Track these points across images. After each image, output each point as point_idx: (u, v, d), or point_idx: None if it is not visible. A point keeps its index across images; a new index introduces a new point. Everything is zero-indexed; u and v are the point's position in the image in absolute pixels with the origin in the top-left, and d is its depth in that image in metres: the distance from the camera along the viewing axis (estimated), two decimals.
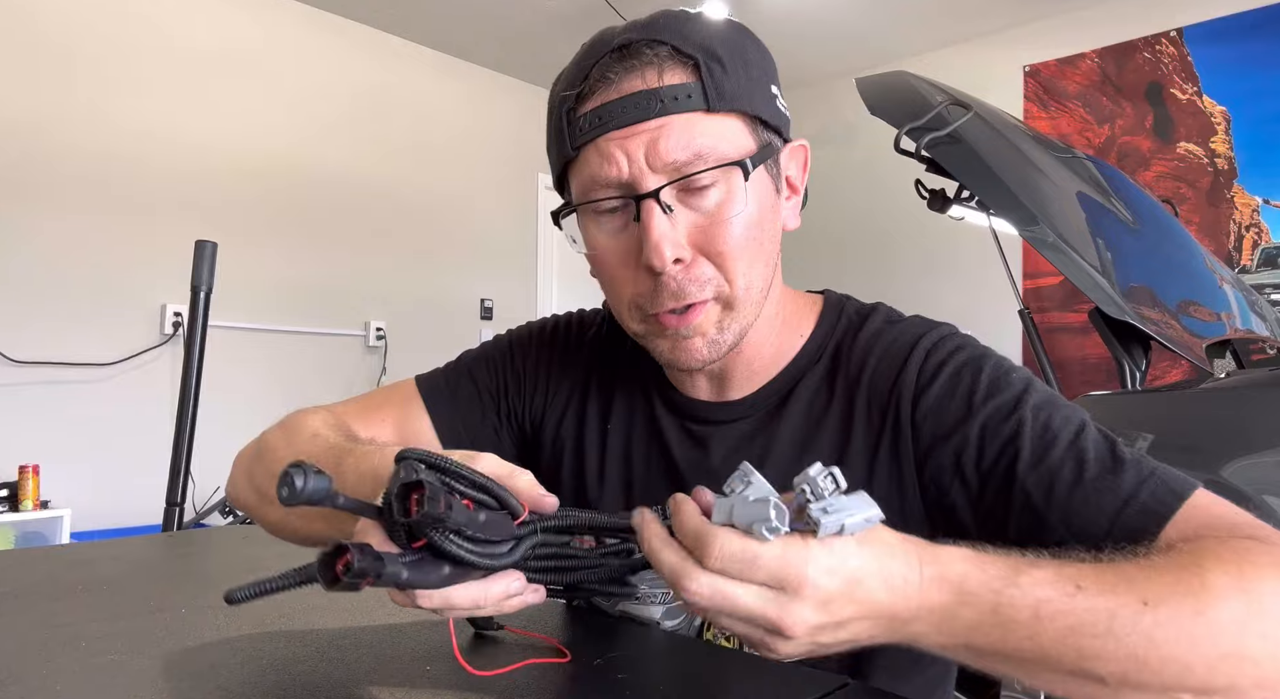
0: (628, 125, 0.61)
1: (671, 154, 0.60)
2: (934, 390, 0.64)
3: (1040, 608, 0.44)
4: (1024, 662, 0.45)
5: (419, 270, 4.47)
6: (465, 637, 0.61)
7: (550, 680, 0.52)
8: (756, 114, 0.64)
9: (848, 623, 0.44)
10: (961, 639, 0.45)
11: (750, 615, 0.43)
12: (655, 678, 0.52)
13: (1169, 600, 0.44)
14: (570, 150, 0.64)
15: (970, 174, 1.76)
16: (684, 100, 0.61)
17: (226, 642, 0.59)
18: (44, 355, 3.19)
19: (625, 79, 0.61)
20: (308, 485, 0.40)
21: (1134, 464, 0.57)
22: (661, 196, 0.61)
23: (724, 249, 0.63)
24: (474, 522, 0.45)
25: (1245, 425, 1.35)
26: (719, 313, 0.65)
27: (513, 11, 4.18)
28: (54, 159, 3.27)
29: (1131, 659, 0.44)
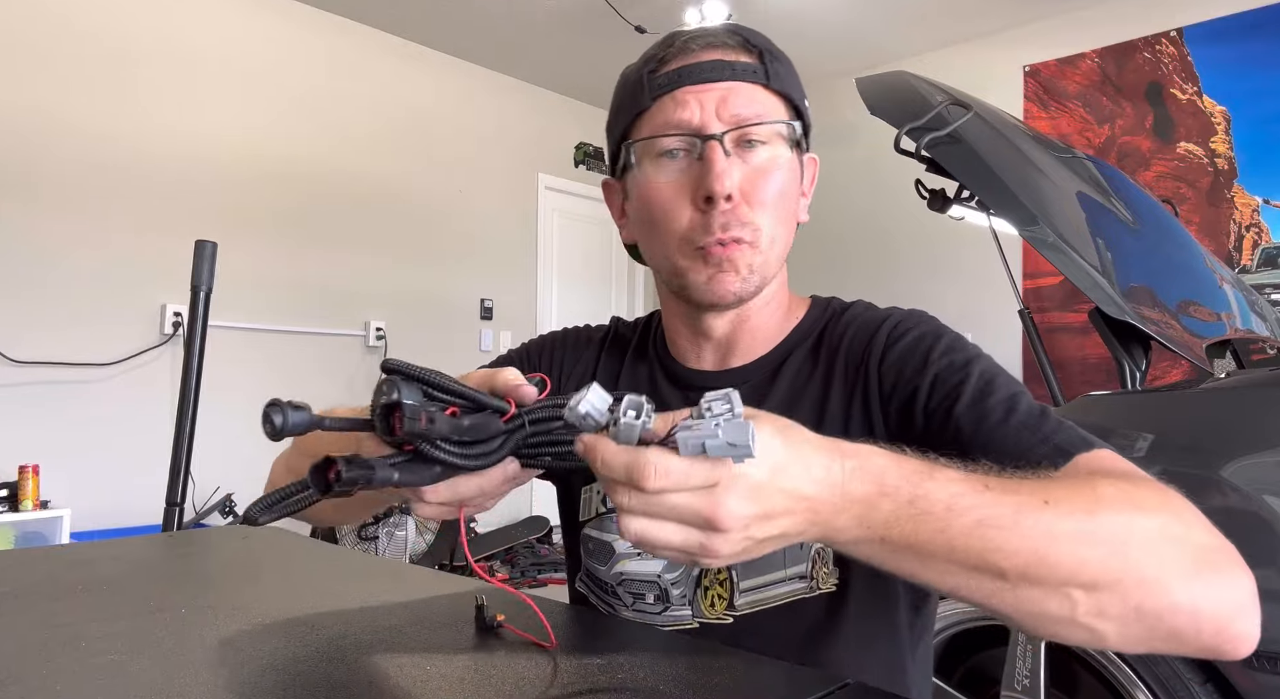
0: (704, 82, 0.73)
1: (737, 108, 0.72)
2: (898, 349, 0.74)
3: (952, 501, 0.47)
4: (932, 556, 0.47)
5: (419, 270, 4.47)
6: (467, 636, 0.61)
7: (550, 680, 0.52)
8: (798, 106, 0.77)
9: (777, 516, 0.45)
10: (879, 532, 0.47)
11: (683, 515, 0.44)
12: (655, 678, 0.52)
13: (1066, 501, 0.49)
14: (648, 100, 0.75)
15: (970, 174, 1.76)
16: (750, 73, 0.74)
17: (227, 642, 0.59)
18: (44, 355, 3.20)
19: (703, 51, 0.74)
20: (289, 419, 0.43)
21: (1057, 421, 0.64)
22: (725, 142, 0.71)
23: (764, 197, 0.73)
24: (458, 427, 0.49)
25: (1245, 425, 1.35)
26: (750, 255, 0.74)
27: (513, 11, 4.18)
28: (54, 159, 3.27)
29: (1032, 553, 0.47)
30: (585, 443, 0.47)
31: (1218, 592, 0.49)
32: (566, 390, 0.87)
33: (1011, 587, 0.47)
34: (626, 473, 0.44)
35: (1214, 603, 0.49)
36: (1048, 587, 0.47)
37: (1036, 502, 0.48)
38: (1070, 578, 0.47)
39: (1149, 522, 0.50)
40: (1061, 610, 0.48)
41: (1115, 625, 0.48)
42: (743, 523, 0.44)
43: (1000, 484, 0.49)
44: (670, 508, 0.44)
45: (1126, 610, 0.47)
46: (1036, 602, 0.48)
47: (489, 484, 0.55)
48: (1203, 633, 0.48)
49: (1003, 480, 0.50)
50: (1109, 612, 0.47)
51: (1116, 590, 0.47)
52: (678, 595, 0.77)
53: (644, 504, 0.45)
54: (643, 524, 0.45)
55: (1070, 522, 0.48)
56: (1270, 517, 1.24)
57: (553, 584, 3.99)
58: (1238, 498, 1.27)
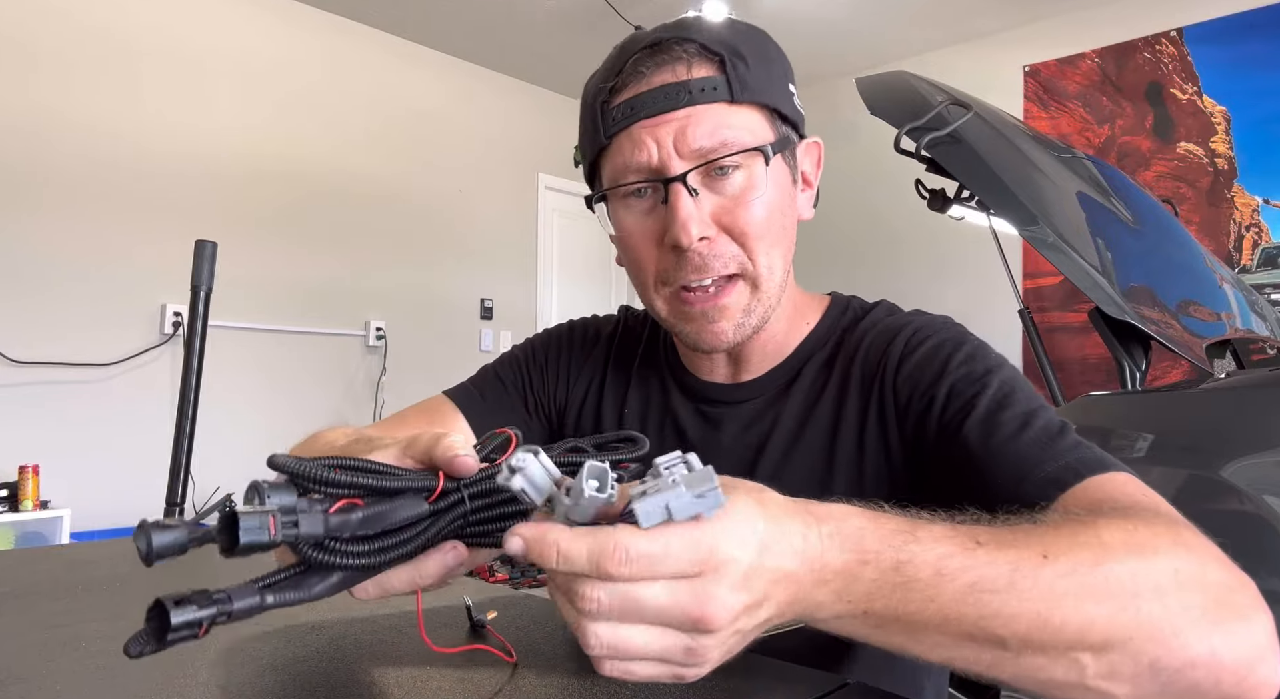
0: (658, 114, 0.66)
1: (698, 141, 0.65)
2: (915, 358, 0.69)
3: (941, 564, 0.41)
4: (923, 627, 0.42)
5: (419, 270, 4.47)
6: (465, 636, 0.61)
7: (550, 681, 0.52)
8: (776, 107, 0.69)
9: (765, 601, 0.39)
10: (861, 604, 0.41)
11: (664, 614, 0.37)
12: None
13: (1068, 553, 0.43)
14: (604, 139, 0.69)
15: (970, 174, 1.76)
16: (710, 92, 0.66)
17: (226, 642, 0.59)
18: (44, 355, 3.19)
19: (656, 73, 0.67)
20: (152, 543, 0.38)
21: (1075, 440, 0.59)
22: (688, 180, 0.66)
23: (747, 229, 0.67)
24: (347, 523, 0.42)
25: (1245, 425, 1.35)
26: (748, 295, 0.69)
27: (513, 11, 4.18)
28: (54, 159, 3.27)
29: (1034, 616, 0.41)
30: (527, 536, 0.38)
31: (1237, 639, 0.44)
32: (572, 399, 0.86)
33: (1013, 655, 0.42)
34: (592, 561, 0.36)
35: (1233, 652, 0.44)
36: (1053, 652, 0.42)
37: (1034, 557, 0.43)
38: (1077, 641, 0.42)
39: (1160, 567, 0.44)
40: (1069, 676, 0.43)
41: (1128, 687, 0.43)
42: (734, 616, 0.38)
43: (992, 537, 0.44)
44: (647, 606, 0.36)
45: (1140, 669, 0.43)
46: (1042, 669, 0.43)
47: (426, 575, 0.46)
48: (1222, 684, 0.44)
49: (995, 533, 0.44)
50: (1121, 673, 0.43)
51: (1128, 649, 0.42)
52: None
53: (615, 601, 0.36)
54: (611, 632, 0.37)
55: (1073, 578, 0.42)
56: (1270, 517, 1.23)
57: None
58: (1238, 498, 1.27)
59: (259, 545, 0.39)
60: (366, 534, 0.43)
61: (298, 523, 0.40)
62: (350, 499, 0.43)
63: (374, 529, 0.43)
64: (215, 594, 0.40)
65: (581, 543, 0.37)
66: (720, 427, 0.78)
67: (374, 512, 0.44)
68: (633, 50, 0.69)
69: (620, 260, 0.77)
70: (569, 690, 0.50)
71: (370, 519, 0.43)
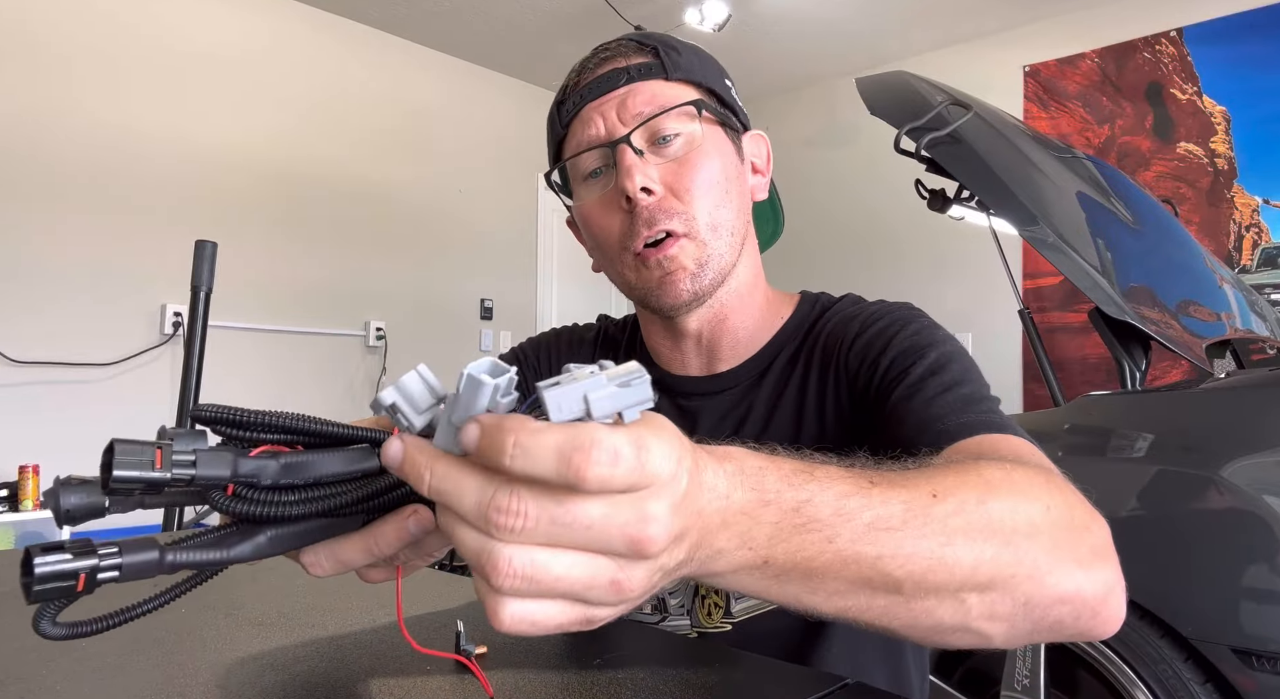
0: (602, 95, 0.74)
1: (637, 107, 0.73)
2: (866, 335, 0.73)
3: (840, 504, 0.39)
4: (821, 573, 0.39)
5: (419, 270, 4.47)
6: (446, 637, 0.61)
7: (549, 681, 0.52)
8: (710, 87, 0.77)
9: (685, 535, 0.34)
10: (762, 551, 0.38)
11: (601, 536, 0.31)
12: (654, 678, 0.52)
13: (955, 492, 0.43)
14: (560, 129, 0.77)
15: (970, 174, 1.76)
16: (646, 71, 0.74)
17: (226, 642, 0.59)
18: (44, 355, 3.19)
19: (599, 67, 0.76)
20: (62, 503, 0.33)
21: (989, 409, 0.63)
22: (633, 141, 0.72)
23: (689, 186, 0.72)
24: (264, 469, 0.37)
25: (1245, 425, 1.35)
26: (694, 249, 0.73)
27: (513, 11, 4.18)
28: (54, 159, 3.27)
29: (929, 554, 0.41)
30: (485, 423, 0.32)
31: (1096, 575, 0.46)
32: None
33: (905, 600, 0.41)
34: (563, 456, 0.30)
35: (1093, 587, 0.46)
36: (944, 593, 0.42)
37: (925, 495, 0.42)
38: (967, 580, 0.42)
39: (1034, 505, 0.45)
40: (955, 617, 0.43)
41: (1004, 625, 0.44)
42: (668, 545, 0.33)
43: (883, 478, 0.43)
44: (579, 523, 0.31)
45: (1015, 608, 0.44)
46: (930, 612, 0.42)
47: (383, 544, 0.41)
48: (1080, 619, 0.46)
49: (884, 474, 0.43)
50: (999, 612, 0.44)
51: (1007, 588, 0.43)
52: (675, 605, 0.77)
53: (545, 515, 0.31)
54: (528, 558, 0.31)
55: (961, 516, 0.42)
56: (1270, 517, 1.23)
57: None
58: (1238, 498, 1.27)
59: (138, 482, 0.33)
60: (293, 484, 0.38)
61: (195, 462, 0.35)
62: (279, 447, 0.38)
63: (301, 479, 0.38)
64: (102, 546, 0.34)
65: (550, 435, 0.31)
66: (697, 420, 0.80)
67: (302, 459, 0.38)
68: (582, 61, 0.78)
69: (596, 266, 0.82)
70: (598, 674, 0.50)
71: (296, 467, 0.38)
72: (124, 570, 0.35)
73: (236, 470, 0.37)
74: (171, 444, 0.35)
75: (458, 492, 0.32)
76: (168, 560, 0.36)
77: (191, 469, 0.35)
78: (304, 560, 0.42)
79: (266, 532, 0.38)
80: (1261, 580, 1.23)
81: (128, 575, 0.35)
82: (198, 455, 0.36)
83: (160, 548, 0.36)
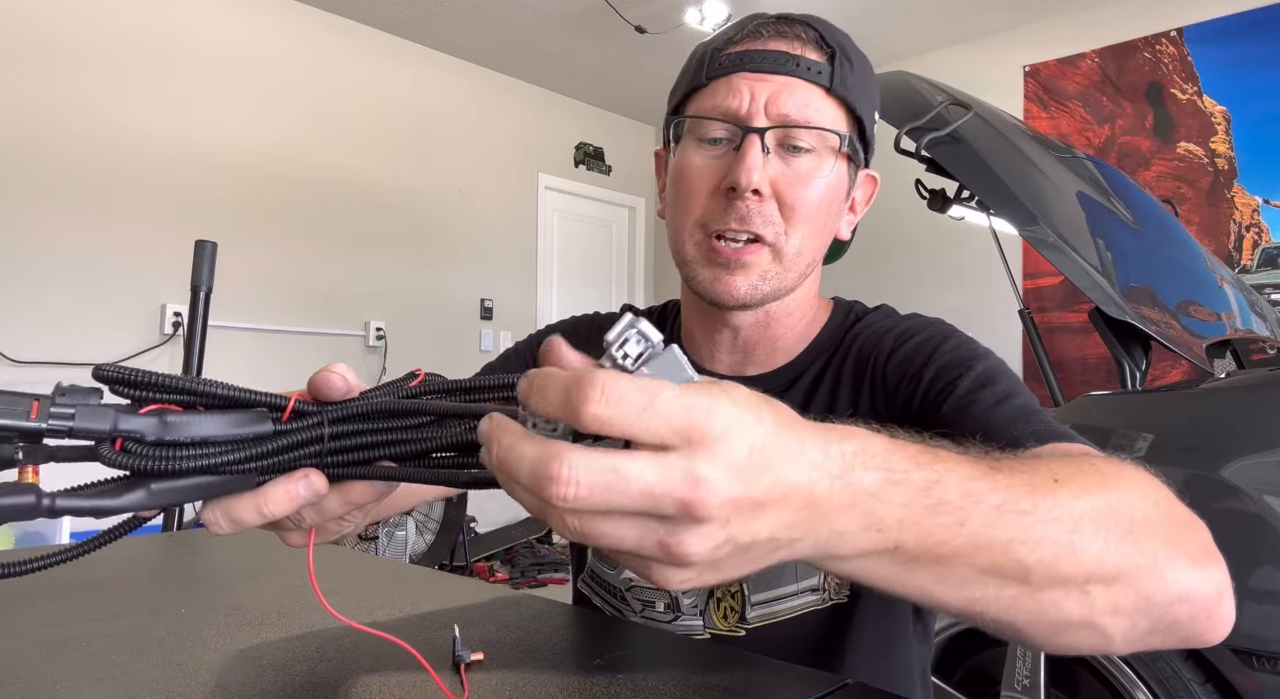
0: (762, 71, 0.70)
1: (787, 107, 0.69)
2: (904, 349, 0.72)
3: (968, 486, 0.38)
4: (951, 560, 0.38)
5: (419, 270, 4.47)
6: (466, 637, 0.61)
7: (549, 682, 0.52)
8: (860, 117, 0.73)
9: (767, 506, 0.33)
10: (891, 536, 0.36)
11: (646, 495, 0.31)
12: (654, 678, 0.52)
13: (1075, 478, 0.42)
14: (703, 78, 0.72)
15: (970, 174, 1.76)
16: (814, 73, 0.70)
17: (226, 642, 0.59)
18: (44, 355, 3.19)
19: (773, 39, 0.71)
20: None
21: (1048, 419, 0.61)
22: (765, 139, 0.69)
23: (795, 203, 0.70)
24: (149, 426, 0.38)
25: (1245, 425, 1.35)
26: (769, 261, 0.71)
27: (513, 11, 4.18)
28: (54, 159, 3.27)
29: (1059, 539, 0.39)
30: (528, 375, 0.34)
31: (1210, 575, 0.44)
32: None
33: (1033, 591, 0.40)
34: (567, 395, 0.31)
35: (1208, 587, 0.44)
36: (1071, 585, 0.40)
37: (1047, 480, 0.41)
38: (1095, 570, 0.40)
39: (1146, 500, 0.44)
40: (1080, 611, 0.41)
41: (1126, 622, 0.42)
42: (726, 510, 0.32)
43: (1003, 464, 0.42)
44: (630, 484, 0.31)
45: (1138, 603, 0.42)
46: (1057, 604, 0.40)
47: (271, 504, 0.41)
48: (1197, 619, 0.44)
49: (1002, 459, 0.43)
50: (1123, 607, 0.41)
51: (1131, 582, 0.41)
52: (689, 604, 0.76)
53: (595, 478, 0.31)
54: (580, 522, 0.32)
55: (1086, 501, 0.41)
56: (1270, 517, 1.23)
57: (553, 584, 3.98)
58: (1238, 498, 1.27)
59: (11, 431, 0.35)
60: (179, 441, 0.38)
61: (74, 416, 0.36)
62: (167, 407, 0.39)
63: (186, 436, 0.39)
64: None
65: (562, 376, 0.32)
66: None
67: (186, 418, 0.39)
68: (759, 18, 0.73)
69: (661, 211, 0.80)
70: (599, 674, 0.50)
71: (180, 425, 0.38)
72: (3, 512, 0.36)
73: (117, 425, 0.37)
74: (51, 397, 0.36)
75: (516, 461, 0.32)
76: (44, 504, 0.37)
77: (69, 421, 0.36)
78: (203, 518, 0.43)
79: (150, 484, 0.39)
80: (1262, 581, 1.23)
81: (4, 516, 0.36)
82: (77, 409, 0.36)
83: (38, 492, 0.36)
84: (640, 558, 0.33)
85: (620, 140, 5.56)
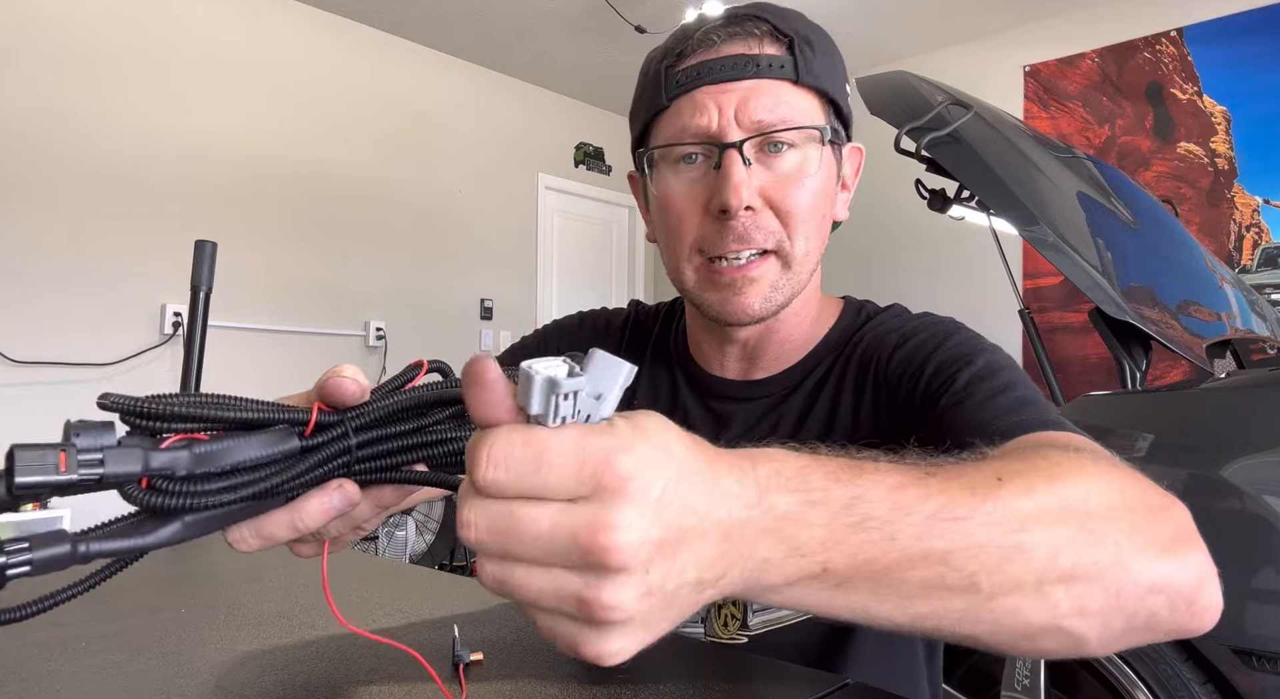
0: (724, 81, 0.67)
1: (759, 113, 0.66)
2: (907, 347, 0.71)
3: (897, 496, 0.36)
4: (887, 576, 0.36)
5: (419, 270, 4.47)
6: (466, 637, 0.61)
7: (550, 680, 0.52)
8: (834, 99, 0.71)
9: (688, 541, 0.31)
10: (818, 557, 0.34)
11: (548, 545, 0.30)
12: (654, 678, 0.52)
13: (1022, 475, 0.40)
14: (664, 100, 0.69)
15: (970, 174, 1.76)
16: (777, 69, 0.67)
17: (226, 642, 0.59)
18: (44, 355, 3.19)
19: (727, 43, 0.68)
20: None
21: (1045, 408, 0.60)
22: (744, 150, 0.66)
23: (792, 208, 0.68)
24: (178, 461, 0.36)
25: (1245, 425, 1.35)
26: (778, 271, 0.70)
27: (513, 11, 4.18)
28: (54, 159, 3.27)
29: (1002, 543, 0.37)
30: None
31: (1186, 562, 0.42)
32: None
33: (986, 598, 0.37)
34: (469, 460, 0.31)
35: (1184, 574, 0.41)
36: (1026, 588, 0.38)
37: (989, 479, 0.39)
38: (1047, 570, 0.38)
39: (1108, 488, 0.42)
40: (1042, 615, 0.39)
41: (1097, 622, 0.40)
42: (643, 553, 0.30)
43: (942, 470, 0.40)
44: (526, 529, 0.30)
45: (1107, 601, 0.39)
46: (1016, 611, 0.38)
47: (307, 518, 0.41)
48: (1176, 610, 0.41)
49: (942, 465, 0.41)
50: (1090, 607, 0.39)
51: (1094, 578, 0.39)
52: None
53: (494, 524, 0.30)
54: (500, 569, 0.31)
55: (1032, 499, 0.39)
56: (1270, 517, 1.23)
57: None
58: (1238, 498, 1.27)
59: (44, 487, 0.33)
60: (210, 473, 0.37)
61: (103, 461, 0.34)
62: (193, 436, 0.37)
63: (218, 467, 0.37)
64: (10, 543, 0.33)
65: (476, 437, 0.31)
66: (728, 425, 0.77)
67: (216, 447, 0.37)
68: (705, 23, 0.70)
69: (651, 235, 0.77)
70: (598, 673, 0.50)
71: (211, 456, 0.37)
72: (35, 565, 0.34)
73: (148, 465, 0.35)
74: (76, 445, 0.34)
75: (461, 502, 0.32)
76: (80, 551, 0.35)
77: (100, 468, 0.34)
78: (229, 538, 0.41)
79: (184, 518, 0.37)
80: (1262, 580, 1.23)
81: (39, 569, 0.34)
82: (105, 453, 0.34)
83: (72, 539, 0.35)
84: (563, 618, 0.31)
85: (620, 140, 5.55)
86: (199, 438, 0.37)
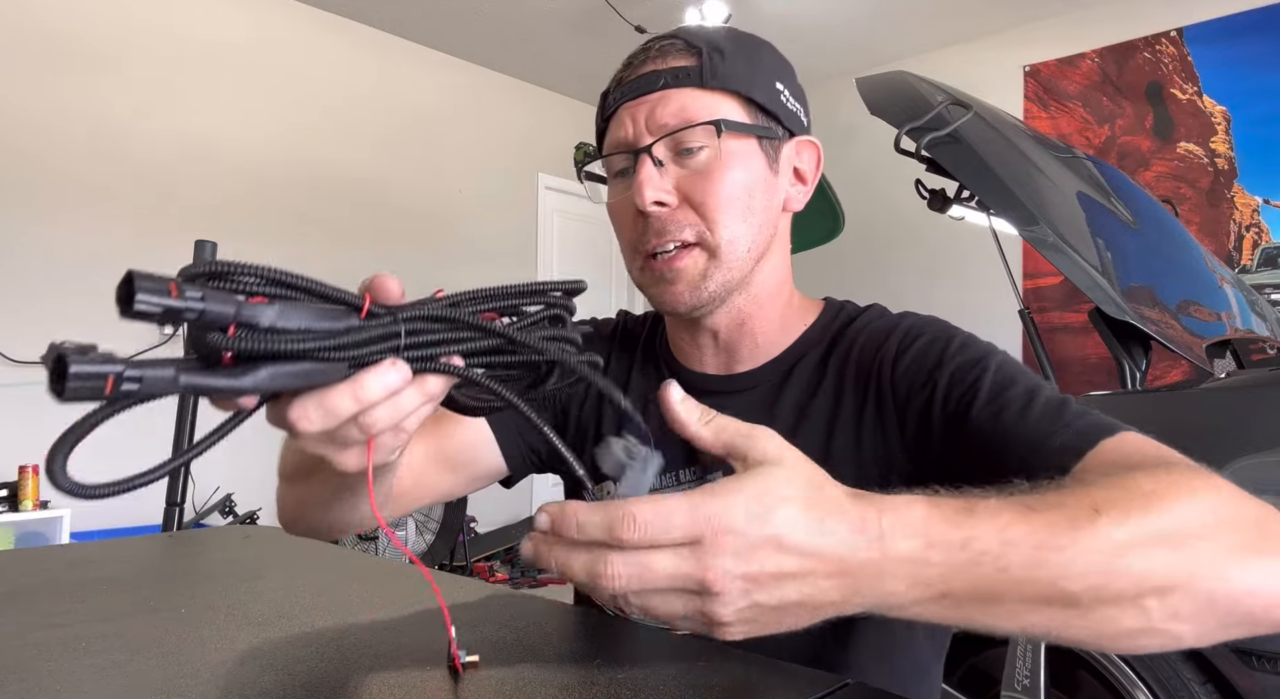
0: (637, 97, 0.74)
1: (663, 118, 0.72)
2: (910, 354, 0.72)
3: (1005, 533, 0.44)
4: (999, 599, 0.44)
5: (419, 270, 4.47)
6: (466, 638, 0.61)
7: (550, 680, 0.52)
8: (751, 96, 0.74)
9: (789, 578, 0.42)
10: (937, 588, 0.43)
11: (672, 580, 0.41)
12: (654, 678, 0.52)
13: (1117, 503, 0.46)
14: (601, 123, 0.79)
15: (970, 174, 1.76)
16: (682, 77, 0.73)
17: (226, 642, 0.59)
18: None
19: (643, 65, 0.75)
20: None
21: (1080, 409, 0.63)
22: (655, 152, 0.72)
23: (705, 199, 0.72)
24: (262, 313, 0.40)
25: (1245, 425, 1.35)
26: (704, 262, 0.74)
27: (513, 11, 4.18)
28: (54, 159, 3.27)
29: (1101, 568, 0.44)
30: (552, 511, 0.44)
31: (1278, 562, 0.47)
32: (575, 394, 0.87)
33: (1084, 612, 0.44)
34: (604, 529, 0.41)
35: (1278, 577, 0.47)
36: (1122, 602, 0.44)
37: (1087, 512, 0.45)
38: (1142, 587, 0.44)
39: (1199, 507, 0.47)
40: (1138, 622, 0.45)
41: (1191, 625, 0.45)
42: (739, 584, 0.41)
43: (1042, 502, 0.46)
44: (658, 572, 0.41)
45: (1200, 606, 0.45)
46: (1112, 620, 0.45)
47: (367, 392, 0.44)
48: (1271, 609, 0.46)
49: (1042, 497, 0.47)
50: (1183, 612, 0.45)
51: (1187, 589, 0.45)
52: None
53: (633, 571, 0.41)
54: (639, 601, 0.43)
55: (1127, 527, 0.45)
56: None
57: (553, 584, 3.98)
58: None
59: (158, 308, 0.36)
60: (287, 329, 0.41)
61: (204, 298, 0.38)
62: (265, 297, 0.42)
63: (295, 324, 0.41)
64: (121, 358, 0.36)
65: (597, 513, 0.42)
66: None
67: (292, 307, 0.42)
68: (634, 54, 0.77)
69: None
70: (597, 673, 0.50)
71: (287, 313, 0.41)
72: (144, 382, 0.37)
73: (240, 312, 0.39)
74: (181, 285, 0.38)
75: (571, 570, 0.43)
76: (182, 381, 0.39)
77: (202, 303, 0.37)
78: (292, 416, 0.43)
79: (266, 367, 0.40)
80: None
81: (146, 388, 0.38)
82: (205, 293, 0.38)
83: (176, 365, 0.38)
84: (690, 619, 0.43)
85: None
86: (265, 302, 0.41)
